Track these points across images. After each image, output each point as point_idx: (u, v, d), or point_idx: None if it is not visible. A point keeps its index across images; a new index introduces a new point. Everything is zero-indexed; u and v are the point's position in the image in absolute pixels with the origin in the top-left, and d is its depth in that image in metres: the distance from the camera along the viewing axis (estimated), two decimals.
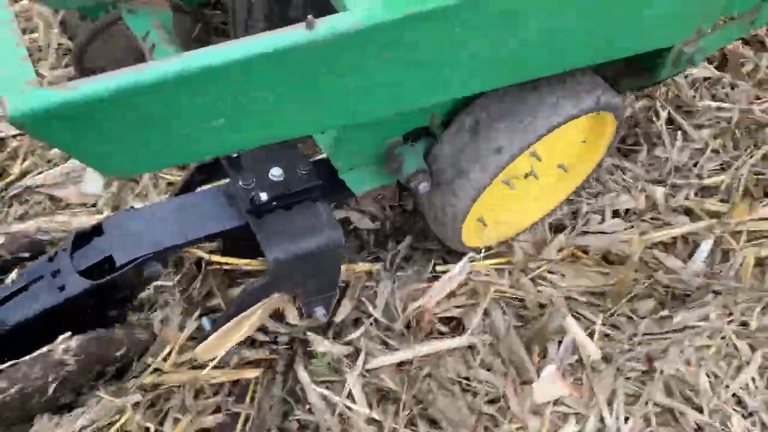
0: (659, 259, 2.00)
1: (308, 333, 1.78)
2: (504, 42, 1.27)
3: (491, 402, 1.74)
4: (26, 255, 1.68)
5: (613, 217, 2.12)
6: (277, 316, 1.75)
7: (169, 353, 1.65)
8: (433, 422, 1.70)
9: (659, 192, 2.15)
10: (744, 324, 1.86)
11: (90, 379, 1.59)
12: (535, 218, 2.08)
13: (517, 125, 1.63)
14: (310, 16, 1.03)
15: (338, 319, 1.84)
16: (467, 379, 1.77)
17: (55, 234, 1.83)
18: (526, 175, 1.88)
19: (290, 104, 1.13)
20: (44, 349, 1.48)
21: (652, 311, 1.91)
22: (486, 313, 1.87)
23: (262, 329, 1.77)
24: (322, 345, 1.75)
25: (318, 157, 1.80)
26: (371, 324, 1.84)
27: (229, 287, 1.86)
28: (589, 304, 1.93)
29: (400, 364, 1.77)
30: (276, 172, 1.62)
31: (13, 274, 1.60)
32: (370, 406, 1.69)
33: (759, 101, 2.44)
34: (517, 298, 1.93)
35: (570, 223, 2.11)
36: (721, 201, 2.17)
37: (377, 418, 1.66)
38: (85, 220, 1.88)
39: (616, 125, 1.86)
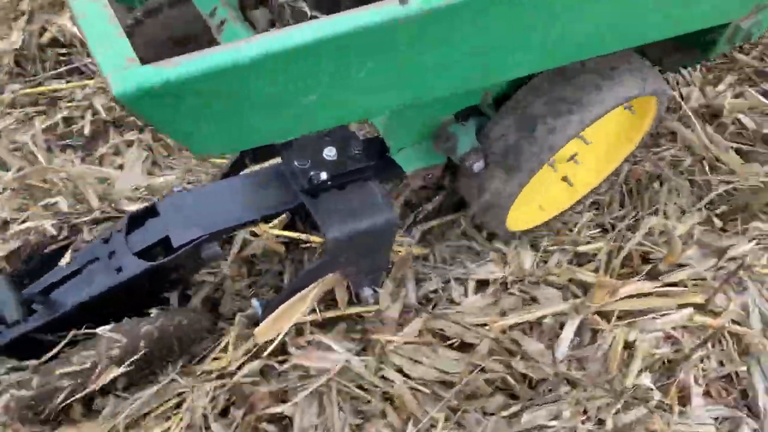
0: (519, 342, 1.75)
1: None
2: (580, 17, 1.25)
3: None
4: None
5: (478, 288, 1.91)
6: None
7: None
8: None
9: (528, 260, 1.94)
10: (600, 422, 1.60)
11: (163, 358, 1.59)
12: (575, 200, 2.08)
13: (571, 107, 1.61)
14: None
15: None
16: None
17: None
18: (569, 159, 1.88)
19: (379, 80, 1.11)
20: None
21: (502, 407, 1.63)
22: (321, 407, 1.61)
23: None
24: None
25: (368, 137, 1.78)
26: None
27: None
28: (436, 398, 1.64)
29: None
30: (330, 152, 1.61)
31: (67, 256, 1.58)
32: None
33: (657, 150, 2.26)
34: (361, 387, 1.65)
35: (434, 296, 1.89)
36: (595, 271, 1.92)
37: None
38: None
39: (657, 109, 1.85)
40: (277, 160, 1.81)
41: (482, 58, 1.21)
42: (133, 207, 1.86)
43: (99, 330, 1.45)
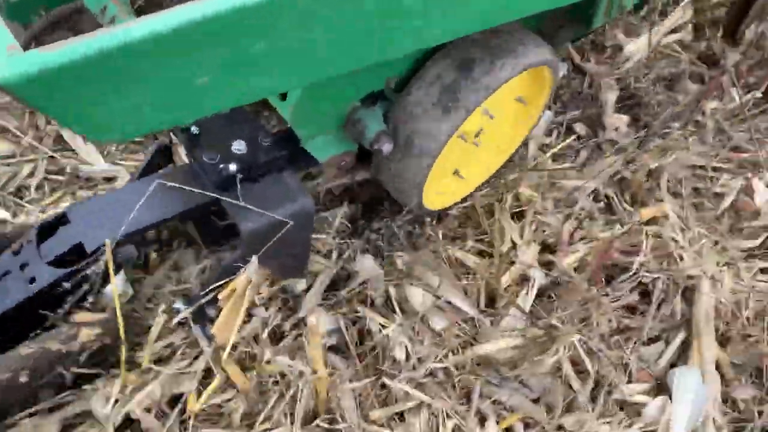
0: None
1: None
2: None
3: None
4: None
5: None
6: None
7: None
8: None
9: None
10: None
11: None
12: (488, 173, 2.16)
13: (469, 83, 1.69)
14: None
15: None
16: None
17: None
18: (477, 134, 1.95)
19: (269, 58, 1.14)
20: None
21: None
22: None
23: None
24: None
25: (278, 128, 1.82)
26: None
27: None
28: None
29: None
30: (239, 146, 1.63)
31: None
32: None
33: None
34: None
35: None
36: None
37: None
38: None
39: (553, 81, 1.95)
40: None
41: (370, 33, 1.26)
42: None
43: None
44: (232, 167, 1.56)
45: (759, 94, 2.62)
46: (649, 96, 2.53)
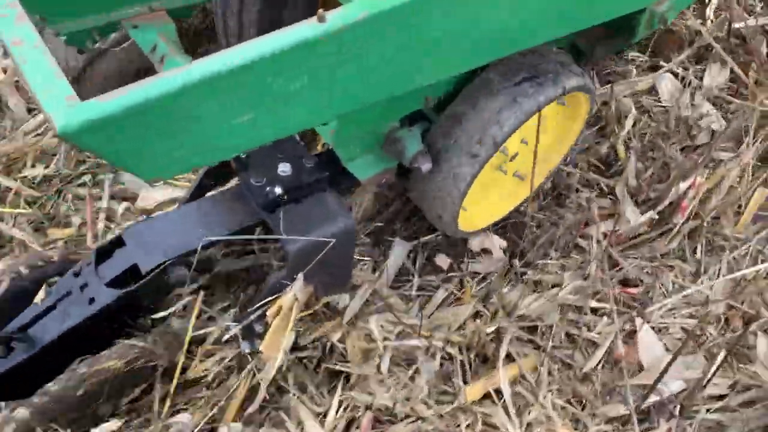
0: None
1: None
2: (512, 11, 1.35)
3: None
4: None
5: None
6: None
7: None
8: None
9: None
10: None
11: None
12: (519, 200, 2.17)
13: (508, 105, 1.71)
14: (320, 10, 1.10)
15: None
16: None
17: None
18: (512, 158, 1.97)
19: (309, 94, 1.20)
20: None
21: None
22: None
23: None
24: None
25: (319, 151, 1.87)
26: None
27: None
28: None
29: None
30: (284, 168, 1.68)
31: (41, 293, 1.64)
32: None
33: None
34: None
35: None
36: None
37: None
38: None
39: (590, 105, 1.95)
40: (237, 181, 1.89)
41: (409, 63, 1.30)
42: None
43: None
44: (278, 190, 1.62)
45: (655, 215, 2.11)
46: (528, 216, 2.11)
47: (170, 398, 1.66)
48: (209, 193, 1.86)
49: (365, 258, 2.01)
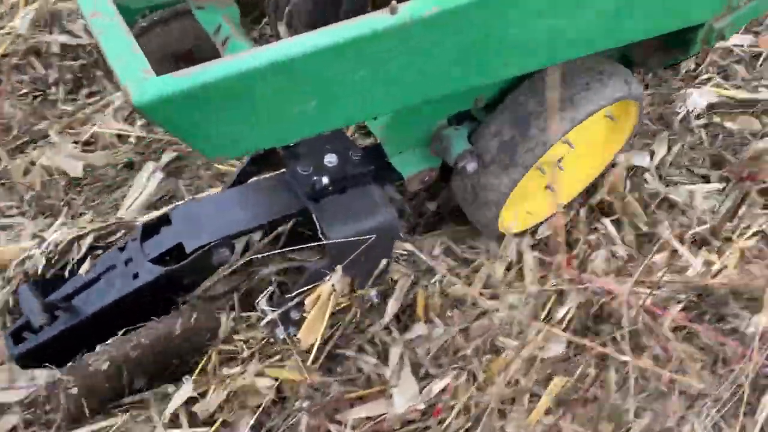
0: None
1: None
2: (573, 18, 1.36)
3: None
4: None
5: None
6: None
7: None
8: None
9: None
10: None
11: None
12: (555, 208, 2.16)
13: (563, 104, 1.71)
14: (393, 2, 1.11)
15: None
16: None
17: None
18: (558, 162, 1.96)
19: (372, 85, 1.21)
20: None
21: None
22: None
23: None
24: None
25: (366, 144, 1.88)
26: None
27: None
28: None
29: None
30: (331, 159, 1.70)
31: (86, 265, 1.67)
32: None
33: None
34: None
35: None
36: None
37: None
38: None
39: (638, 113, 1.95)
40: (281, 169, 1.91)
41: (471, 61, 1.31)
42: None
43: None
44: (325, 179, 1.63)
45: None
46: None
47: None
48: (253, 179, 1.88)
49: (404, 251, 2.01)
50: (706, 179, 2.28)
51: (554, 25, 1.40)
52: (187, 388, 1.64)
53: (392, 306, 1.89)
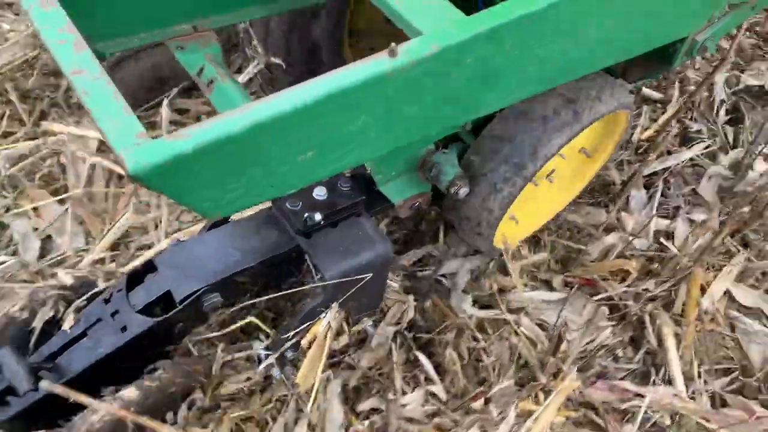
0: None
1: None
2: (562, 49, 1.33)
3: None
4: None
5: None
6: None
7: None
8: None
9: None
10: None
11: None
12: (551, 215, 2.16)
13: (548, 129, 1.69)
14: (393, 44, 1.06)
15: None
16: None
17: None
18: (548, 175, 1.95)
19: (371, 129, 1.16)
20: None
21: None
22: None
23: None
24: None
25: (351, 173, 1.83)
26: None
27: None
28: None
29: None
30: (320, 192, 1.64)
31: (70, 319, 1.58)
32: None
33: None
34: None
35: None
36: None
37: None
38: None
39: (628, 121, 1.95)
40: (265, 204, 1.84)
41: (472, 97, 1.28)
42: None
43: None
44: (317, 216, 1.58)
45: None
46: None
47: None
48: (237, 217, 1.81)
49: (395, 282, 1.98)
50: (549, 285, 2.10)
51: (552, 53, 1.37)
52: None
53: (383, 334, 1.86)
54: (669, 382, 1.86)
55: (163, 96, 2.22)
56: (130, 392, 1.48)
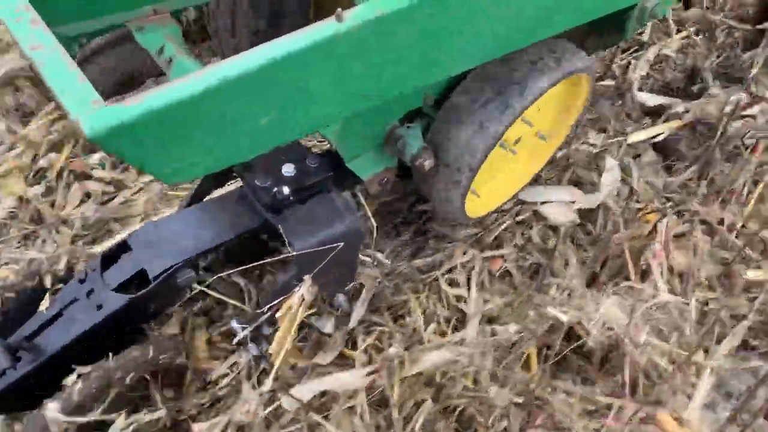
0: None
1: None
2: (507, 14, 1.38)
3: None
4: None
5: None
6: None
7: None
8: None
9: None
10: None
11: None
12: (524, 181, 2.21)
13: (508, 96, 1.73)
14: (339, 9, 1.11)
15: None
16: None
17: None
18: (516, 141, 2.00)
19: (325, 94, 1.21)
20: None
21: None
22: None
23: None
24: None
25: (321, 150, 1.88)
26: None
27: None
28: None
29: None
30: (288, 169, 1.68)
31: (46, 301, 1.62)
32: None
33: None
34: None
35: None
36: None
37: None
38: None
39: (591, 84, 1.99)
40: (238, 183, 1.88)
41: (420, 61, 1.32)
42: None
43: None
44: (286, 190, 1.62)
45: None
46: None
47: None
48: (210, 196, 1.86)
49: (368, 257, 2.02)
50: None
51: (496, 19, 1.42)
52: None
53: (358, 311, 1.91)
54: None
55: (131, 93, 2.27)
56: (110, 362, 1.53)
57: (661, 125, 2.48)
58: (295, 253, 1.60)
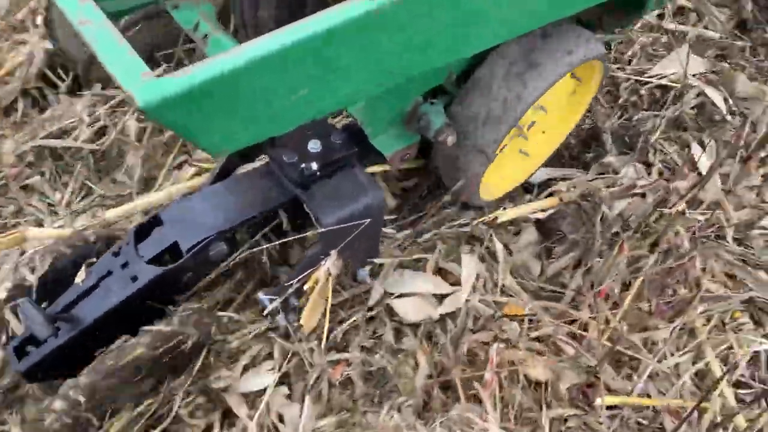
0: None
1: None
2: None
3: None
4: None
5: None
6: None
7: None
8: None
9: None
10: None
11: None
12: (534, 167, 2.25)
13: (528, 77, 1.77)
14: None
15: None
16: None
17: None
18: (529, 126, 2.04)
19: (360, 68, 1.25)
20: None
21: None
22: None
23: None
24: None
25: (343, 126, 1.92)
26: None
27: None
28: None
29: None
30: (314, 145, 1.72)
31: (82, 273, 1.66)
32: None
33: None
34: None
35: None
36: None
37: None
38: None
39: (603, 71, 2.03)
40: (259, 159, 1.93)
41: (448, 36, 1.36)
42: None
43: None
44: (314, 165, 1.66)
45: None
46: None
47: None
48: (237, 172, 1.89)
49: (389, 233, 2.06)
50: None
51: None
52: None
53: (378, 289, 1.95)
54: None
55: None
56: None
57: (539, 201, 2.14)
58: (322, 230, 1.64)
